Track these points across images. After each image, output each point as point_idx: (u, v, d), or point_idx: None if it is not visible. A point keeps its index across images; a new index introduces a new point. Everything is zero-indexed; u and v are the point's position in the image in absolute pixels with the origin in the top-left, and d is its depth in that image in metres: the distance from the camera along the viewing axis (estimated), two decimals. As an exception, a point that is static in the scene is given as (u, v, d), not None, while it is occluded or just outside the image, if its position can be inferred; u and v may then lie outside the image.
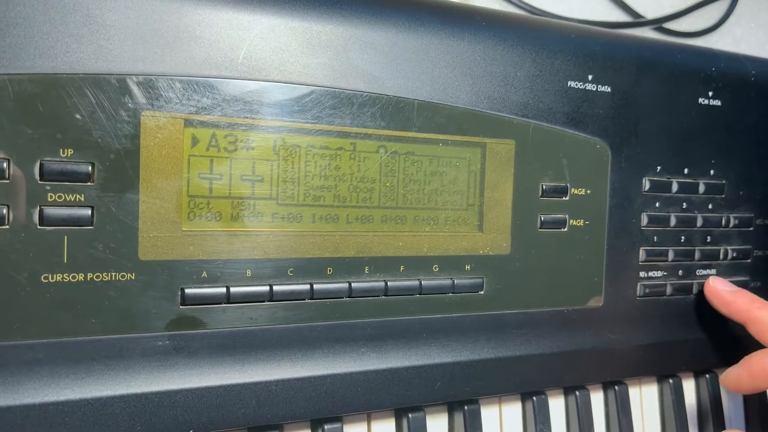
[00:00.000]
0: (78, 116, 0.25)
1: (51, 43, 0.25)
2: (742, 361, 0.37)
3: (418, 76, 0.32)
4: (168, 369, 0.27)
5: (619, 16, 0.56)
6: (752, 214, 0.43)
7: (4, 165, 0.24)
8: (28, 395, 0.25)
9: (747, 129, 0.42)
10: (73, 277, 0.26)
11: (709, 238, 0.41)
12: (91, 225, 0.26)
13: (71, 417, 0.25)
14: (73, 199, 0.25)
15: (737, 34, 0.63)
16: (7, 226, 0.24)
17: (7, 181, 0.24)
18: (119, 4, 0.26)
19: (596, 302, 0.37)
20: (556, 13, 0.53)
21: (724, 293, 0.39)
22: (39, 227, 0.25)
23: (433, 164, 0.33)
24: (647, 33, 0.57)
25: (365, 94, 0.30)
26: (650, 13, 0.57)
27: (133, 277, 0.27)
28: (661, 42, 0.41)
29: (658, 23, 0.57)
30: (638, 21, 0.56)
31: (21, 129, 0.24)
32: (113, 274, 0.26)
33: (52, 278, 0.25)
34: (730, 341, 0.41)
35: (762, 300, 0.38)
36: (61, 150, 0.25)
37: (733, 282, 0.41)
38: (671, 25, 0.58)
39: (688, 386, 0.42)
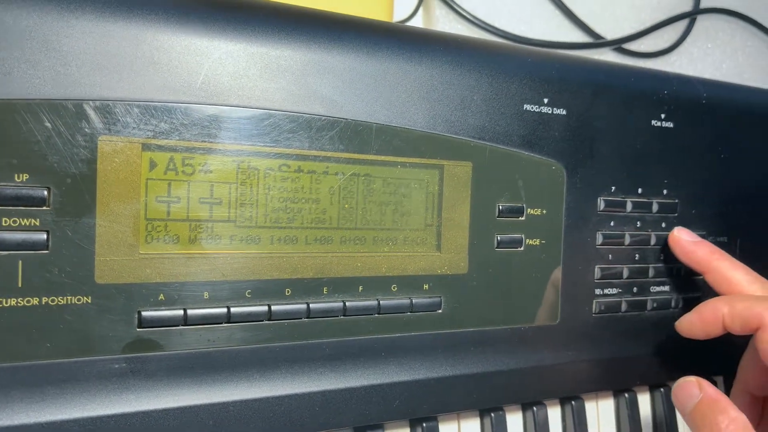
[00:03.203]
0: (34, 141, 0.25)
1: (7, 68, 0.25)
2: (695, 308, 0.38)
3: (376, 100, 0.32)
4: (125, 391, 0.28)
5: (579, 37, 0.58)
6: (704, 232, 0.44)
7: (-42, 190, 0.24)
8: (-20, 420, 0.25)
9: (698, 150, 0.43)
10: (28, 302, 0.26)
11: (662, 255, 0.42)
12: (47, 249, 0.26)
13: (25, 441, 0.25)
14: (28, 224, 0.25)
15: (694, 54, 0.65)
16: (-39, 251, 0.25)
17: (-39, 207, 0.24)
18: (76, 31, 0.26)
19: (552, 319, 0.38)
20: (519, 35, 0.54)
21: (686, 243, 0.41)
22: (-7, 252, 0.25)
23: (392, 186, 0.33)
24: (607, 53, 0.59)
25: (324, 118, 0.31)
26: (610, 35, 0.59)
27: (89, 301, 0.27)
28: (615, 65, 0.42)
29: (617, 44, 0.59)
30: (598, 42, 0.58)
31: (-25, 154, 0.25)
32: (69, 297, 0.26)
33: (6, 302, 0.25)
34: (684, 355, 0.43)
35: (722, 251, 0.40)
36: (16, 175, 0.25)
37: (686, 298, 0.43)
38: (630, 46, 0.60)
39: (644, 400, 0.43)
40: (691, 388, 0.35)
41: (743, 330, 0.35)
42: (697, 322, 0.37)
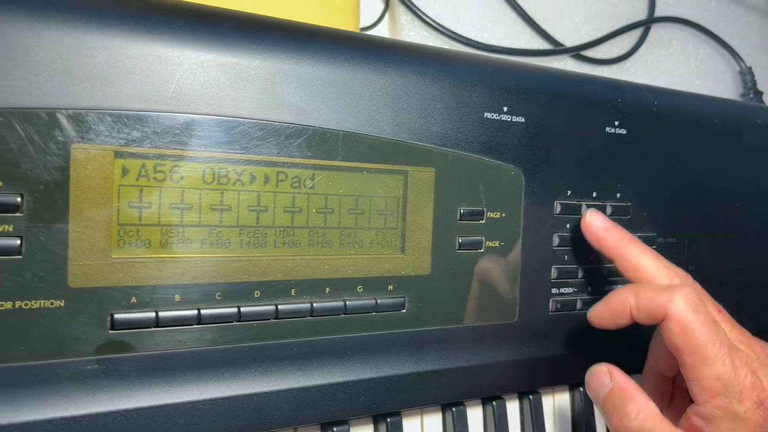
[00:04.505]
0: (7, 149, 0.26)
1: (-20, 78, 0.25)
2: (604, 299, 0.38)
3: (343, 109, 0.34)
4: (97, 392, 0.28)
5: (539, 44, 0.60)
6: (654, 233, 0.46)
7: (-68, 197, 0.25)
8: (-46, 422, 0.26)
9: (650, 155, 0.46)
10: (1, 306, 0.26)
11: (615, 256, 0.44)
12: (20, 254, 0.26)
13: (-1, 442, 0.26)
14: (1, 230, 0.26)
15: (649, 61, 0.67)
16: (-66, 257, 0.25)
17: (-65, 213, 0.25)
18: (48, 41, 0.27)
19: (511, 318, 0.40)
20: (482, 42, 0.56)
21: (597, 229, 0.40)
22: (-33, 257, 0.26)
23: (358, 191, 0.34)
24: (566, 60, 0.61)
25: (292, 125, 0.32)
26: (569, 42, 0.61)
27: (62, 304, 0.27)
28: (571, 74, 0.44)
29: (576, 51, 0.61)
30: (557, 49, 0.60)
31: (-51, 162, 0.25)
32: (42, 301, 0.27)
33: (-20, 307, 0.26)
34: (635, 351, 0.45)
35: (632, 237, 0.40)
36: (-11, 182, 0.26)
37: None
38: (588, 53, 0.62)
39: (598, 393, 0.46)
40: (602, 377, 0.36)
41: (649, 321, 0.35)
42: (606, 313, 0.37)
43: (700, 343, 0.33)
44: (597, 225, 0.40)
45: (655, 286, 0.36)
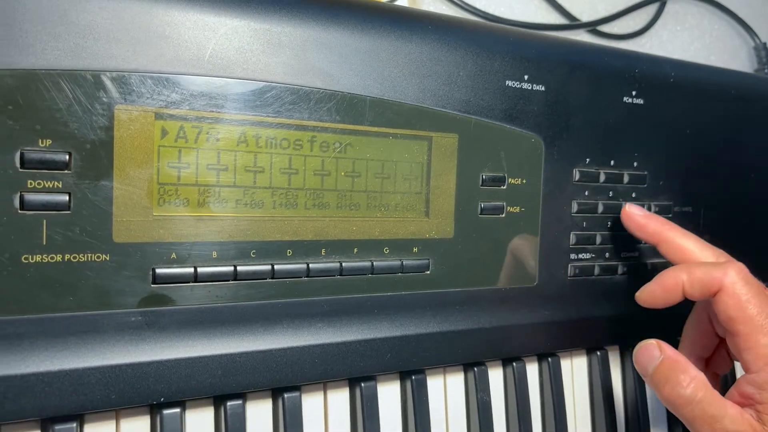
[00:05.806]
0: (56, 109, 0.27)
1: (31, 40, 0.27)
2: (655, 279, 0.40)
3: (370, 75, 0.35)
4: (140, 342, 0.30)
5: (556, 18, 0.60)
6: (671, 202, 0.47)
7: (-13, 154, 0.26)
8: (9, 366, 0.27)
9: (666, 125, 0.46)
10: (52, 258, 0.28)
11: (632, 223, 0.45)
12: (69, 210, 0.28)
13: (50, 387, 0.28)
14: (51, 186, 0.27)
15: (664, 36, 0.68)
16: (-10, 211, 0.26)
17: (-10, 169, 0.26)
18: (94, 6, 0.28)
19: (531, 282, 0.41)
20: (499, 16, 0.56)
21: (639, 217, 0.43)
22: (20, 212, 0.27)
23: (384, 155, 0.36)
24: (582, 35, 0.62)
25: (322, 90, 0.33)
26: (585, 17, 0.62)
27: (107, 258, 0.29)
28: (590, 45, 0.45)
29: (592, 26, 0.61)
30: (574, 23, 0.60)
31: (2, 121, 0.26)
32: (89, 255, 0.28)
33: (32, 259, 0.27)
34: (652, 317, 0.46)
35: (672, 223, 0.42)
36: (40, 140, 0.27)
37: (653, 263, 0.46)
38: (604, 28, 0.63)
39: (614, 358, 0.47)
40: (652, 350, 0.38)
41: (702, 295, 0.37)
42: (659, 291, 0.39)
43: (755, 314, 0.35)
44: (638, 213, 0.43)
45: (706, 262, 0.39)
